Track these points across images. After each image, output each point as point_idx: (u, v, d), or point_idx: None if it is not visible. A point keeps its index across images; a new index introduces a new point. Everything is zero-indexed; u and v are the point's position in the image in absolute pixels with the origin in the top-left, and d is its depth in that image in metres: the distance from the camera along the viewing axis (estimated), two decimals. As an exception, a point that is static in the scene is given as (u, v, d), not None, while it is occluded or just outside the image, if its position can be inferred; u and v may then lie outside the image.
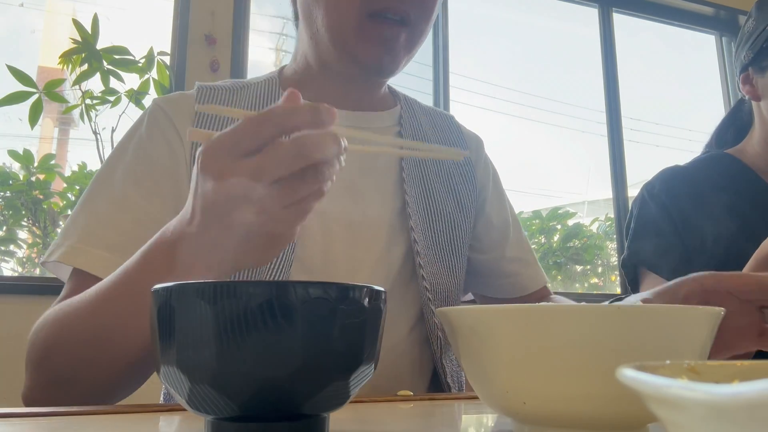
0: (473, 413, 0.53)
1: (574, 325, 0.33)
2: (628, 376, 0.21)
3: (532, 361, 0.34)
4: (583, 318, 0.33)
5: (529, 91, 3.38)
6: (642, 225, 0.97)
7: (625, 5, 3.34)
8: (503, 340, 0.35)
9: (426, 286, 0.76)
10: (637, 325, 0.33)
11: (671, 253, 0.92)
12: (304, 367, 0.31)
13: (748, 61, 0.96)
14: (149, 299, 0.33)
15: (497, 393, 0.36)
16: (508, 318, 0.35)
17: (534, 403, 0.35)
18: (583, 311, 0.33)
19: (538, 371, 0.34)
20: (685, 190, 0.97)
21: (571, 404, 0.34)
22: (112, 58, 1.86)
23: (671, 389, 0.18)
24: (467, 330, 0.37)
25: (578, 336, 0.33)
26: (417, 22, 0.72)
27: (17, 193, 2.26)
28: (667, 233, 0.93)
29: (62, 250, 0.63)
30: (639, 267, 0.96)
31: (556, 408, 0.34)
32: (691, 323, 0.35)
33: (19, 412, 0.45)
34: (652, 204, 0.98)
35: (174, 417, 0.47)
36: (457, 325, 0.38)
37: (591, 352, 0.33)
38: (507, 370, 0.35)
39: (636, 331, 0.33)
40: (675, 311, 0.34)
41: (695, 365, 0.26)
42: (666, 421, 0.20)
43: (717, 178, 0.98)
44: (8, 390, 1.69)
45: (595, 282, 3.39)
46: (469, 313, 0.37)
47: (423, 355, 0.77)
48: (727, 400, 0.16)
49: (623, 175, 3.08)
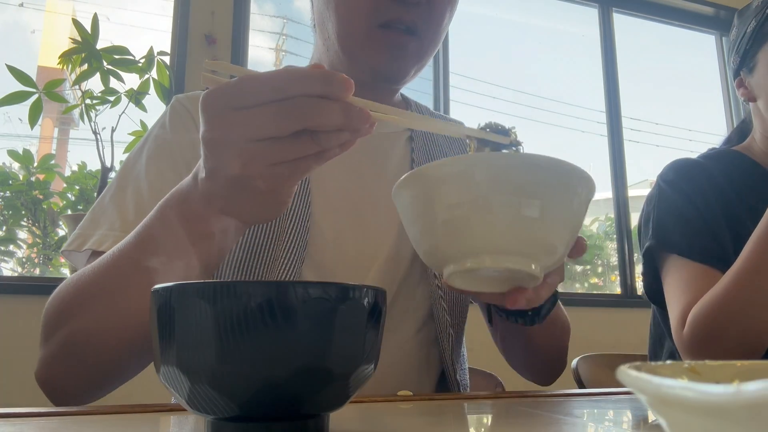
0: (473, 413, 0.53)
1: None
2: (629, 376, 0.21)
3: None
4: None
5: (529, 91, 3.38)
6: (666, 213, 0.96)
7: (625, 5, 3.34)
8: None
9: (438, 284, 0.76)
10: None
11: (701, 236, 0.91)
12: (304, 367, 0.31)
13: (737, 66, 1.02)
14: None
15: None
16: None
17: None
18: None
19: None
20: (703, 177, 0.97)
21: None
22: (112, 58, 1.86)
23: (671, 389, 0.18)
24: (410, 198, 0.45)
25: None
26: (426, 33, 0.73)
27: (17, 193, 2.26)
28: (692, 218, 0.93)
29: (95, 239, 0.65)
30: (664, 255, 0.95)
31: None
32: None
33: (19, 412, 0.45)
34: (671, 192, 0.97)
35: (174, 417, 0.47)
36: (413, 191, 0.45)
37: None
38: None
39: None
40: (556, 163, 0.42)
41: (695, 365, 0.26)
42: (666, 421, 0.20)
43: (729, 171, 0.99)
44: (8, 390, 1.69)
45: (595, 282, 3.39)
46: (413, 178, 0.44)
47: (431, 353, 0.77)
48: (727, 400, 0.16)
49: (623, 175, 3.08)
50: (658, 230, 0.96)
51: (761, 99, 0.98)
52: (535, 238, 0.42)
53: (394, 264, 0.75)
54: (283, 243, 0.69)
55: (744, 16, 1.03)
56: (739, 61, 1.01)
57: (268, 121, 0.42)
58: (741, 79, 1.02)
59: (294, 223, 0.70)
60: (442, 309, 0.76)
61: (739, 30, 1.03)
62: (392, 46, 0.72)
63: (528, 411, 0.51)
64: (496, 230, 0.41)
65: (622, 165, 3.10)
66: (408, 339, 0.75)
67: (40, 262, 2.41)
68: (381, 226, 0.76)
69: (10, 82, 1.83)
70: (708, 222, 0.92)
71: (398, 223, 0.77)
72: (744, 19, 1.02)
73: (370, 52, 0.72)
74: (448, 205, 0.42)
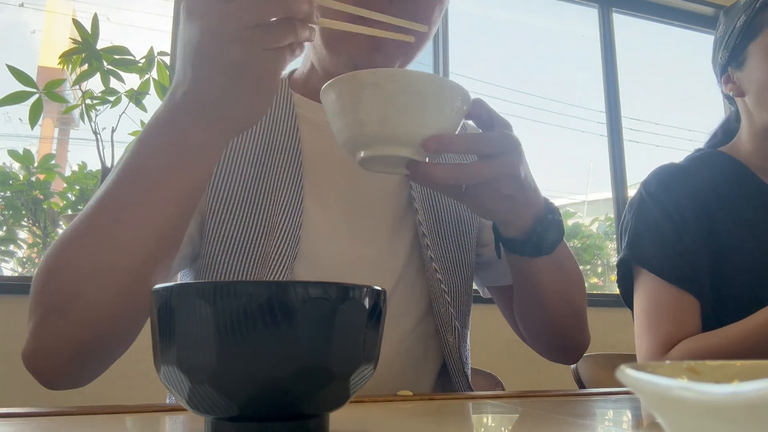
0: (473, 413, 0.53)
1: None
2: (629, 376, 0.21)
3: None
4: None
5: (529, 91, 3.38)
6: (642, 225, 0.97)
7: (625, 5, 3.34)
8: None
9: (439, 278, 0.76)
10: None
11: (674, 254, 0.91)
12: (304, 367, 0.31)
13: (725, 61, 1.03)
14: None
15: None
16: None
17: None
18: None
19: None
20: (683, 188, 0.97)
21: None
22: (112, 58, 1.86)
23: (671, 389, 0.18)
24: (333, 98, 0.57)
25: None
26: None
27: (17, 193, 2.26)
28: (667, 234, 0.93)
29: None
30: (637, 267, 0.96)
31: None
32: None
33: (19, 412, 0.45)
34: (651, 203, 0.97)
35: (174, 417, 0.47)
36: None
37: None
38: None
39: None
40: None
41: (695, 365, 0.26)
42: (666, 421, 0.20)
43: (713, 175, 0.99)
44: (8, 390, 1.69)
45: (595, 282, 3.39)
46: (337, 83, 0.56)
47: (429, 348, 0.77)
48: (727, 400, 0.16)
49: (623, 175, 3.08)
50: (632, 242, 0.97)
51: (750, 93, 0.98)
52: (414, 130, 0.55)
53: (389, 259, 0.75)
54: (275, 238, 0.69)
55: (731, 13, 1.03)
56: (728, 57, 1.02)
57: (255, 7, 0.46)
58: (728, 75, 1.02)
59: (286, 218, 0.70)
60: (445, 303, 0.76)
61: (726, 26, 1.03)
62: (372, 39, 0.68)
63: (528, 411, 0.51)
64: (393, 126, 0.54)
65: (622, 165, 3.10)
66: (406, 334, 0.74)
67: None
68: (375, 221, 0.75)
69: (11, 82, 1.83)
70: (683, 239, 0.92)
71: (392, 219, 0.77)
72: (732, 15, 1.03)
73: (349, 46, 0.70)
74: (369, 106, 0.54)
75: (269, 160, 0.73)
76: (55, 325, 0.54)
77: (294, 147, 0.74)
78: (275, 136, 0.75)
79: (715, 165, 1.01)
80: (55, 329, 0.54)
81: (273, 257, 0.68)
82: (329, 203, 0.74)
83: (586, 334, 0.81)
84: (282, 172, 0.73)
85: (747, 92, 0.99)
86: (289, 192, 0.72)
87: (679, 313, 0.88)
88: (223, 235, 0.69)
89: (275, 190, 0.72)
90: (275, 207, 0.71)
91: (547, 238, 0.66)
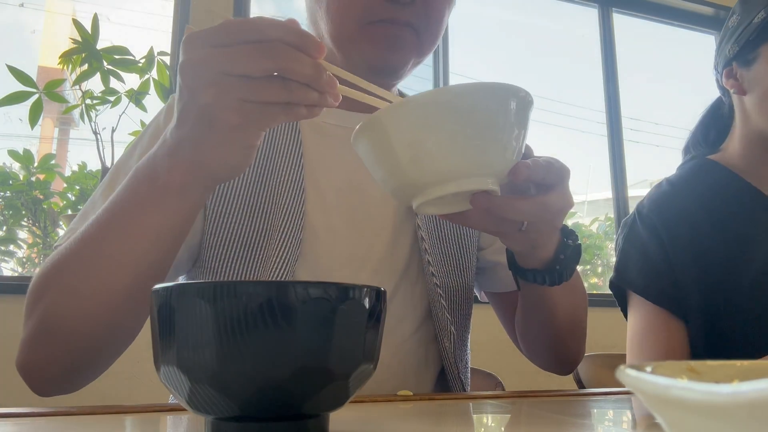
0: (473, 413, 0.53)
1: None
2: (629, 376, 0.21)
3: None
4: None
5: (528, 91, 3.37)
6: (631, 247, 0.96)
7: (625, 5, 3.34)
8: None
9: (437, 283, 0.76)
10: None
11: (659, 278, 0.90)
12: (304, 367, 0.31)
13: (732, 56, 0.97)
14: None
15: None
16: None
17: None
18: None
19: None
20: (674, 211, 0.95)
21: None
22: (112, 58, 1.86)
23: (671, 389, 0.18)
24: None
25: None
26: (426, 28, 0.71)
27: (17, 193, 2.26)
28: (655, 258, 0.92)
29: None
30: (626, 289, 0.95)
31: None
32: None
33: (19, 412, 0.45)
34: (642, 226, 0.96)
35: (174, 417, 0.47)
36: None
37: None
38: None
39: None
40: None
41: (695, 365, 0.26)
42: (666, 421, 0.20)
43: (704, 192, 0.97)
44: (8, 390, 1.69)
45: (595, 282, 3.39)
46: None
47: (429, 353, 0.77)
48: (727, 400, 0.16)
49: (623, 175, 3.08)
50: (619, 264, 0.97)
51: (753, 94, 0.94)
52: (484, 156, 0.46)
53: (389, 262, 0.75)
54: (277, 240, 0.69)
55: (750, 4, 0.94)
56: (737, 51, 0.95)
57: (243, 58, 0.44)
58: (731, 69, 0.97)
59: (287, 221, 0.70)
60: (441, 307, 0.76)
61: (742, 18, 0.95)
62: (388, 37, 0.70)
63: (528, 411, 0.51)
64: (451, 158, 0.45)
65: (621, 165, 3.10)
66: (407, 338, 0.74)
67: (41, 262, 2.40)
68: (375, 224, 0.75)
69: (10, 82, 1.83)
70: (670, 259, 0.91)
71: (394, 221, 0.76)
72: (750, 7, 0.94)
73: (365, 46, 0.70)
74: (407, 144, 0.46)
75: (271, 162, 0.73)
76: (44, 346, 0.56)
77: (296, 150, 0.74)
78: (277, 139, 0.75)
79: (705, 179, 0.98)
80: (44, 350, 0.56)
81: (274, 259, 0.68)
82: (331, 206, 0.74)
83: (583, 348, 0.81)
84: (284, 175, 0.72)
85: (749, 92, 0.94)
86: (291, 195, 0.72)
87: (665, 339, 0.88)
88: (225, 238, 0.69)
89: (277, 192, 0.71)
90: (277, 209, 0.71)
91: (571, 266, 0.63)
